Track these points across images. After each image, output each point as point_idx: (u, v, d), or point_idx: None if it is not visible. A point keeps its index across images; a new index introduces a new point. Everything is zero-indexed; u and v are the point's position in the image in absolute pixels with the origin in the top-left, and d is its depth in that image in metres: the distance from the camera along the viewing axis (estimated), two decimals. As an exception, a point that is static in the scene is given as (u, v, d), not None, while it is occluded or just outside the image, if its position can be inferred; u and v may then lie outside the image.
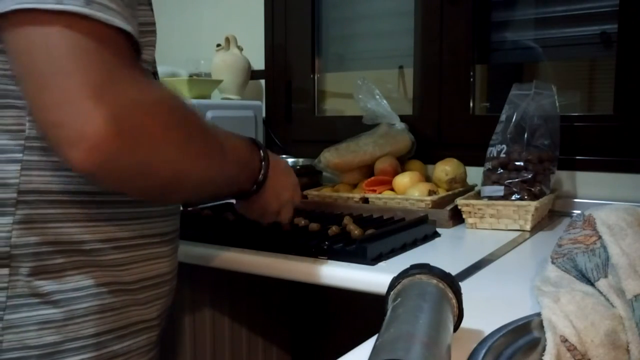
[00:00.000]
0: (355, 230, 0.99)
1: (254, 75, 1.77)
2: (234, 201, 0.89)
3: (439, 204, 1.19)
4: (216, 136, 0.69)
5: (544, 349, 0.49)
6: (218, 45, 1.72)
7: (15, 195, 0.62)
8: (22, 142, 0.62)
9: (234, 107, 1.61)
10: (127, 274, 0.70)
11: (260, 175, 0.79)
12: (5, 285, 0.62)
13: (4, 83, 0.62)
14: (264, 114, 1.74)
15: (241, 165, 0.76)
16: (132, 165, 0.56)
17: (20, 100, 0.62)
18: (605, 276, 0.58)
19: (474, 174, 1.34)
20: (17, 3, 0.52)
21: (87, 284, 0.66)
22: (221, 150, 0.70)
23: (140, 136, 0.55)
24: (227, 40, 1.70)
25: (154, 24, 0.69)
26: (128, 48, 0.57)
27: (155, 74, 0.75)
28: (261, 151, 0.80)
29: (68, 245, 0.64)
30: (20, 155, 0.62)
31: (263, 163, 0.80)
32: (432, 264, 0.55)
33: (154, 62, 0.73)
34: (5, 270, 0.62)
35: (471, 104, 1.48)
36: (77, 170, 0.54)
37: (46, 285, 0.63)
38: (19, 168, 0.62)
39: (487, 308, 0.67)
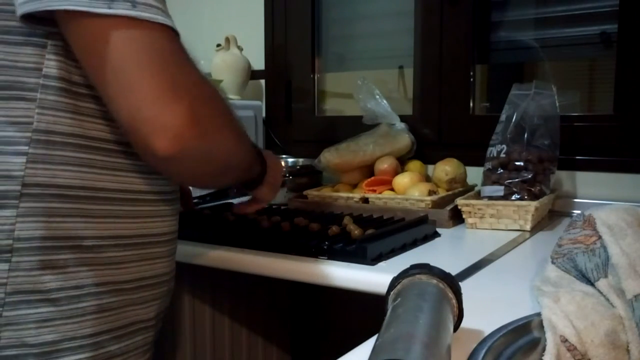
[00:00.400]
0: (355, 230, 0.99)
1: (254, 75, 1.77)
2: (233, 201, 0.91)
3: (439, 204, 1.19)
4: (240, 123, 0.75)
5: (544, 349, 0.49)
6: (218, 45, 1.72)
7: (19, 187, 0.62)
8: (29, 134, 0.62)
9: (234, 107, 1.60)
10: (123, 272, 0.70)
11: (262, 159, 0.86)
12: (4, 281, 0.62)
13: (16, 75, 0.62)
14: (264, 114, 1.74)
15: (252, 150, 0.82)
16: (204, 149, 0.64)
17: (30, 93, 0.62)
18: (605, 276, 0.58)
19: (474, 174, 1.34)
20: (71, 4, 0.57)
21: (87, 282, 0.66)
22: (245, 135, 0.77)
23: (209, 123, 0.63)
24: (227, 40, 1.70)
25: None
26: (180, 42, 0.63)
27: None
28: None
29: (71, 240, 0.65)
30: (27, 147, 0.62)
31: (256, 148, 0.86)
32: (432, 264, 0.55)
33: None
34: (5, 266, 0.62)
35: (471, 104, 1.48)
36: (162, 157, 0.60)
37: (50, 282, 0.63)
38: (24, 160, 0.62)
39: (487, 308, 0.67)
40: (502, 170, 1.17)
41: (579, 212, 0.72)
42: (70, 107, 0.64)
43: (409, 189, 1.25)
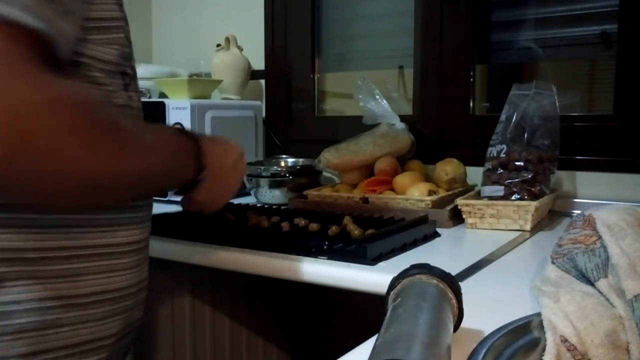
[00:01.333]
0: (355, 230, 0.99)
1: (254, 75, 1.77)
2: (232, 201, 0.88)
3: (439, 204, 1.19)
4: (135, 133, 0.63)
5: (544, 349, 0.49)
6: (218, 45, 1.72)
7: None
8: None
9: (234, 107, 1.61)
10: (76, 286, 0.65)
11: (203, 163, 0.72)
12: None
13: None
14: (264, 114, 1.74)
15: (175, 156, 0.69)
16: (30, 171, 0.51)
17: None
18: (605, 276, 0.58)
19: (474, 174, 1.34)
20: None
21: (28, 297, 0.61)
22: (144, 146, 0.63)
23: (34, 140, 0.50)
24: (227, 40, 1.70)
25: (120, 19, 0.67)
26: (33, 44, 0.52)
27: (125, 74, 0.70)
28: (192, 137, 0.73)
29: (9, 252, 0.60)
30: None
31: (200, 147, 0.72)
32: (432, 264, 0.55)
33: (127, 60, 0.70)
34: None
35: (471, 104, 1.48)
36: None
37: None
38: None
39: (487, 308, 0.67)
40: (502, 170, 1.17)
41: (579, 212, 0.72)
42: None
43: (409, 189, 1.25)
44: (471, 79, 1.47)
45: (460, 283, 0.55)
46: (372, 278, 0.84)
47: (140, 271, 0.75)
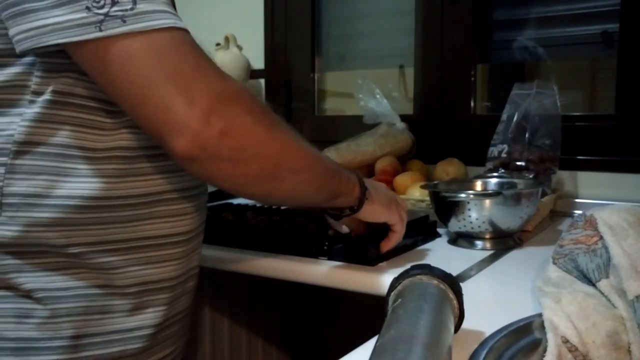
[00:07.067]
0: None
1: (253, 74, 1.77)
2: (233, 201, 0.88)
3: (439, 204, 1.18)
4: (296, 133, 0.70)
5: (545, 350, 0.48)
6: (217, 44, 1.72)
7: None
8: (9, 145, 0.62)
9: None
10: (120, 277, 0.68)
11: (362, 188, 0.80)
12: None
13: (3, 93, 0.63)
14: (264, 114, 1.74)
15: (337, 173, 0.76)
16: (231, 146, 0.61)
17: (16, 109, 0.63)
18: (607, 277, 0.57)
19: (475, 174, 1.34)
20: (61, 37, 0.57)
21: (74, 284, 0.65)
22: (308, 147, 0.71)
23: (233, 121, 0.61)
24: (227, 39, 1.70)
25: None
26: (188, 40, 0.62)
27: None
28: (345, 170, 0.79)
29: (52, 248, 0.64)
30: (6, 158, 0.62)
31: (355, 177, 0.80)
32: (432, 264, 0.55)
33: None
34: None
35: (472, 104, 1.48)
36: (183, 158, 0.60)
37: (28, 283, 0.63)
38: (3, 171, 0.62)
39: (488, 309, 0.67)
40: (503, 170, 1.17)
41: (580, 212, 0.72)
42: (60, 119, 0.63)
43: (410, 189, 1.25)
44: (472, 79, 1.47)
45: (461, 284, 0.55)
46: (373, 278, 0.84)
47: (188, 261, 0.76)
